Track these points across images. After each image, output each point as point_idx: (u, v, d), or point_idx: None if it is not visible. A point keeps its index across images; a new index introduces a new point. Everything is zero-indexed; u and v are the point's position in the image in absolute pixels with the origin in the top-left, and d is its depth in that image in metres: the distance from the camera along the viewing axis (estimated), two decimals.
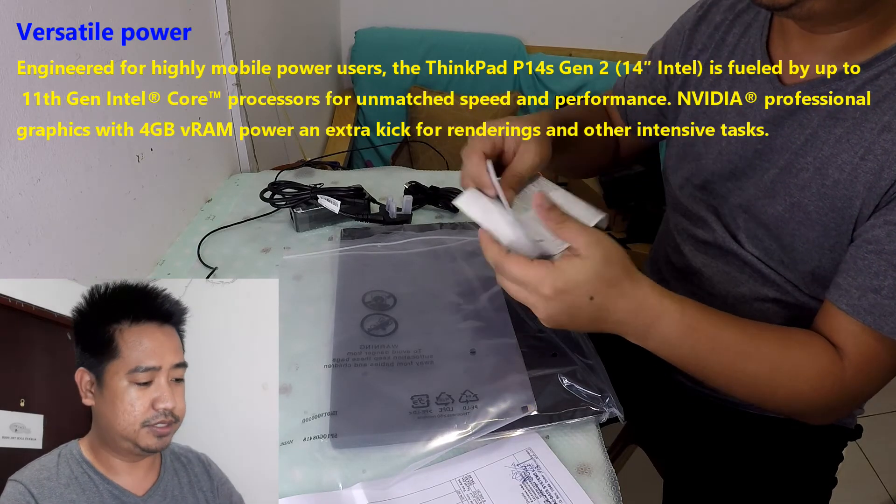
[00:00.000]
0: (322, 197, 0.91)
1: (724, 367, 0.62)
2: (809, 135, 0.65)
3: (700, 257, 0.80)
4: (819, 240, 0.65)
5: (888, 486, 1.54)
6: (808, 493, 0.82)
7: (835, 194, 0.63)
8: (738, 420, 0.84)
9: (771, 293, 0.74)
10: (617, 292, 0.57)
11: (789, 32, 0.68)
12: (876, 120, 0.60)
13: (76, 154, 0.69)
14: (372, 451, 0.58)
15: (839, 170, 0.62)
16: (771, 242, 0.71)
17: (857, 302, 0.60)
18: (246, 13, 1.16)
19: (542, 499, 0.53)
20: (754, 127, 0.70)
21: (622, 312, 0.58)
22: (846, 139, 0.62)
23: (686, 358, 0.61)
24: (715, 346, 0.60)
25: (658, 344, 0.60)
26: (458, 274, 0.79)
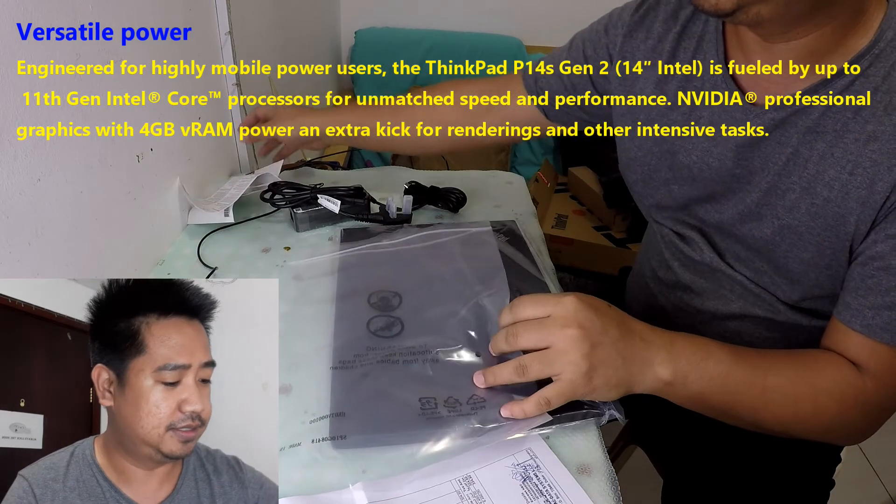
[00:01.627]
0: (322, 197, 0.91)
1: (746, 402, 0.60)
2: (791, 153, 0.61)
3: (688, 274, 0.77)
4: (814, 259, 0.63)
5: (888, 486, 1.54)
6: (806, 493, 0.82)
7: (826, 213, 0.60)
8: None
9: (760, 312, 0.72)
10: (628, 320, 0.59)
11: (747, 43, 0.63)
12: (858, 130, 0.57)
13: (76, 154, 0.69)
14: (372, 452, 0.58)
15: (828, 187, 0.59)
16: (762, 264, 0.69)
17: (871, 321, 0.58)
18: (246, 13, 1.16)
19: (542, 499, 0.53)
20: (726, 153, 0.66)
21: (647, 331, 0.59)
22: (830, 154, 0.59)
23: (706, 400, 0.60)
24: (727, 383, 0.59)
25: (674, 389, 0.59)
26: (461, 272, 0.79)
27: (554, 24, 2.07)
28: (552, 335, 0.56)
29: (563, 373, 0.55)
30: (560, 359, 0.55)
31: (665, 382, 0.58)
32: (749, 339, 0.75)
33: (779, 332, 0.73)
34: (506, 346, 0.59)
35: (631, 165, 0.78)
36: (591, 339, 0.55)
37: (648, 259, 0.86)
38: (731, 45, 0.66)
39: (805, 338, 0.72)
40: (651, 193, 0.77)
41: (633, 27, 0.74)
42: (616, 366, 0.56)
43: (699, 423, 0.87)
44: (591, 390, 0.56)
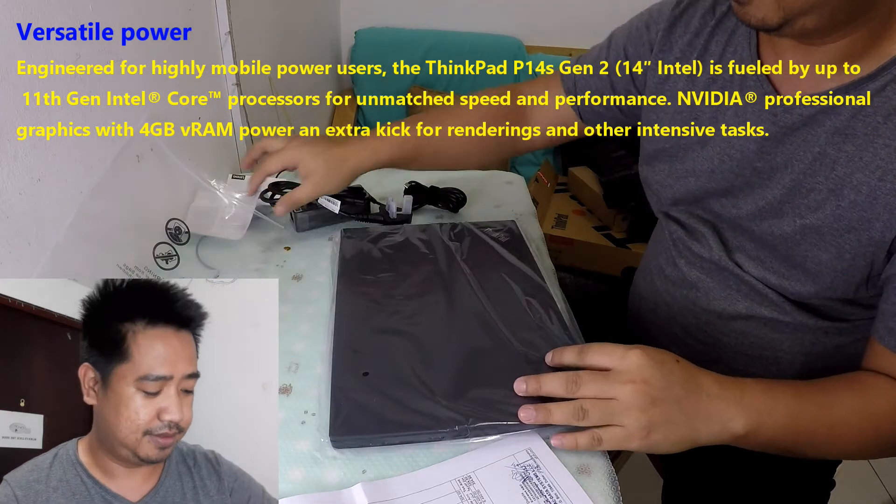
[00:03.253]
0: (322, 197, 0.91)
1: (815, 441, 0.60)
2: (818, 153, 0.61)
3: (695, 272, 0.77)
4: (832, 262, 0.62)
5: (888, 486, 1.54)
6: (807, 494, 0.82)
7: (851, 216, 0.60)
8: None
9: (766, 312, 0.72)
10: (696, 374, 0.58)
11: (781, 44, 0.64)
12: (889, 135, 0.57)
13: (76, 154, 0.69)
14: (372, 452, 0.58)
15: (855, 191, 0.59)
16: (773, 261, 0.68)
17: None
18: (246, 13, 1.16)
19: (542, 499, 0.53)
20: (749, 145, 0.67)
21: (711, 382, 0.57)
22: (859, 157, 0.59)
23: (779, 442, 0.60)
24: (797, 425, 0.59)
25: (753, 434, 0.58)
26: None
27: (554, 24, 2.08)
28: (614, 389, 0.56)
29: (624, 425, 0.55)
30: (621, 412, 0.55)
31: (738, 437, 0.57)
32: (754, 339, 0.75)
33: (784, 332, 0.73)
34: (564, 392, 0.58)
35: (659, 156, 0.77)
36: (653, 395, 0.55)
37: (656, 256, 0.86)
38: (762, 40, 0.67)
39: (810, 339, 0.72)
40: (671, 184, 0.77)
41: (674, 21, 0.74)
42: (678, 423, 0.55)
43: None
44: (649, 445, 0.56)
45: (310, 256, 0.87)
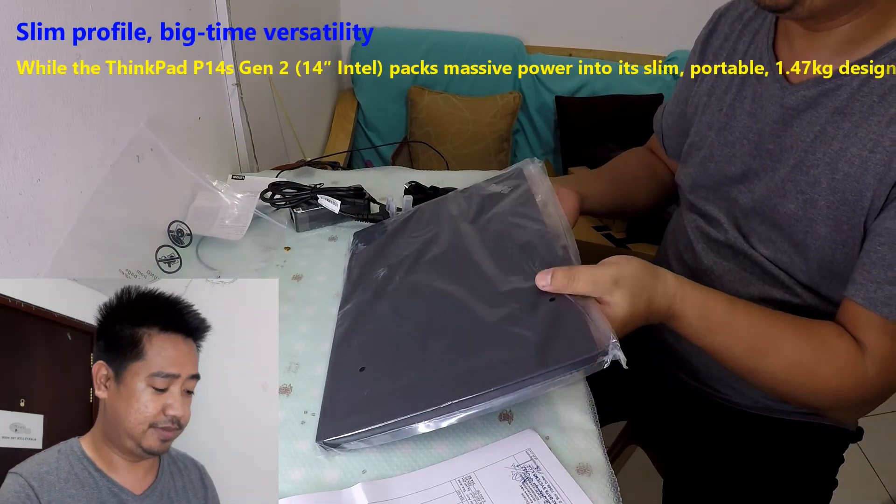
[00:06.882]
0: (322, 197, 0.91)
1: (742, 354, 0.64)
2: (818, 132, 0.66)
3: (711, 256, 0.81)
4: (831, 234, 0.66)
5: (888, 486, 1.54)
6: (808, 494, 0.82)
7: (845, 188, 0.63)
8: (739, 420, 0.84)
9: (779, 294, 0.75)
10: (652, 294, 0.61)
11: (792, 34, 0.70)
12: (882, 112, 0.61)
13: (76, 154, 0.69)
14: (372, 451, 0.58)
15: (849, 163, 0.63)
16: (783, 242, 0.72)
17: (873, 295, 0.61)
18: (246, 13, 1.16)
19: (542, 499, 0.53)
20: (765, 129, 0.72)
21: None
22: (854, 133, 0.63)
23: (704, 341, 0.64)
24: (733, 310, 0.63)
25: (678, 323, 0.63)
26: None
27: (554, 24, 2.08)
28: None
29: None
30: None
31: (677, 286, 0.62)
32: None
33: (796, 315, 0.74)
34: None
35: (690, 151, 0.84)
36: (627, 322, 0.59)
37: (675, 243, 0.90)
38: (779, 35, 0.73)
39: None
40: (694, 171, 0.83)
41: (709, 35, 0.83)
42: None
43: (699, 423, 0.87)
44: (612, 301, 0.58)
45: (310, 256, 0.87)
